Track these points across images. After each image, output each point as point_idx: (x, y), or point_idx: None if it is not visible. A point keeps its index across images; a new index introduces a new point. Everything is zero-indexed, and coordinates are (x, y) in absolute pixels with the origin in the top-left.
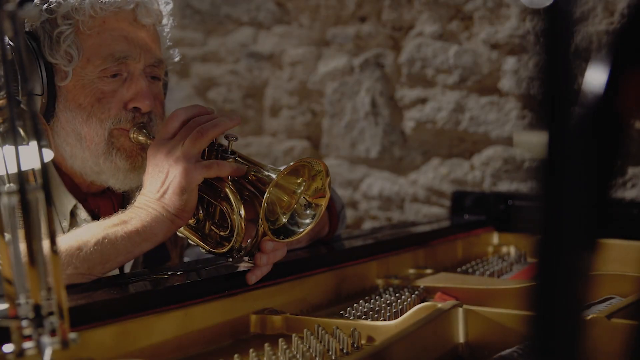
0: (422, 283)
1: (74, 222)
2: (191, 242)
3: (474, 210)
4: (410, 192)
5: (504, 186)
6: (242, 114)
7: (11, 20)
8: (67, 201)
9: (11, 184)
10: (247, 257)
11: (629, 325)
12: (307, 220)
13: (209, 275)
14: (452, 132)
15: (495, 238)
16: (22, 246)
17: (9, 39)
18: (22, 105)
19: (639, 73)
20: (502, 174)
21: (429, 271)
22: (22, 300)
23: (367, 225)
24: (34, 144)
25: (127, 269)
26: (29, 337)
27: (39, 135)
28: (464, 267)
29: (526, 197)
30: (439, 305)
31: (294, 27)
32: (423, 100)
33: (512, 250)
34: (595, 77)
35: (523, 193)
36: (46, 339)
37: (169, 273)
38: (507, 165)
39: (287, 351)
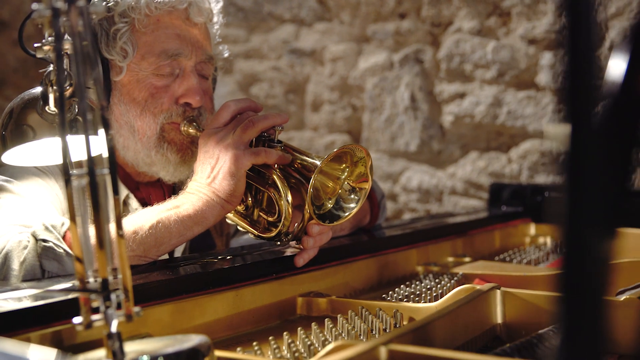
0: (460, 270)
1: (126, 210)
2: (240, 229)
3: (511, 202)
4: (448, 185)
5: (541, 179)
6: (285, 109)
7: (81, 15)
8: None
9: (78, 169)
10: (295, 241)
11: None
12: (352, 205)
13: (258, 259)
14: (490, 126)
15: (532, 229)
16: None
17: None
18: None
19: None
20: (539, 166)
21: (467, 259)
22: (90, 275)
23: (406, 217)
24: (101, 132)
25: (178, 254)
26: (95, 311)
27: (107, 124)
28: (501, 256)
29: (560, 189)
30: (478, 287)
31: (334, 24)
32: (461, 95)
33: (549, 240)
34: (617, 67)
35: (559, 185)
36: (113, 312)
37: (218, 257)
38: (544, 158)
39: (334, 330)
